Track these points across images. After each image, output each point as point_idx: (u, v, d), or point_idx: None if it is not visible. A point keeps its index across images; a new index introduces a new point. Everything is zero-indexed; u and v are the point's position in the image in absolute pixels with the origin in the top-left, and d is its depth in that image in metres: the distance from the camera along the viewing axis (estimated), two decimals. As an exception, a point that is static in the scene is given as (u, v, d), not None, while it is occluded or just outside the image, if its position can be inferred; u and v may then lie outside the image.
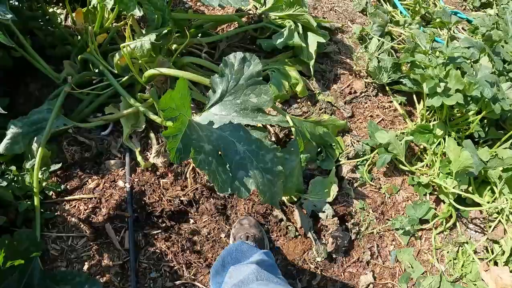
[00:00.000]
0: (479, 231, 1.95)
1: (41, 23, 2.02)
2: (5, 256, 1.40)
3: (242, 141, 1.42)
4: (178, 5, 2.18)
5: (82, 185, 1.73)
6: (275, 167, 1.45)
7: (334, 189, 1.69)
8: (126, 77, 1.80)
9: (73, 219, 1.67)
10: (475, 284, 1.86)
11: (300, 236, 1.68)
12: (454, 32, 2.35)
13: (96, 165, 1.77)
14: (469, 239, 1.94)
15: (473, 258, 1.87)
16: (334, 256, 1.70)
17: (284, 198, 1.68)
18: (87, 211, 1.67)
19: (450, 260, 1.85)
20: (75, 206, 1.69)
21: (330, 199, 1.68)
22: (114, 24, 2.05)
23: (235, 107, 1.49)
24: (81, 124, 1.79)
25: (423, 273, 1.81)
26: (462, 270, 1.84)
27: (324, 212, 1.63)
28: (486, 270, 1.86)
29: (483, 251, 1.94)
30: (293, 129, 1.67)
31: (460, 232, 1.89)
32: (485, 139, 2.03)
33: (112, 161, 1.76)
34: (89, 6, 1.94)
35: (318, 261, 1.67)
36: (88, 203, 1.69)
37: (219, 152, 1.39)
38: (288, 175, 1.57)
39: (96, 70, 1.89)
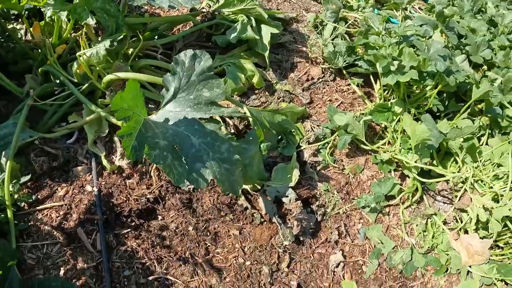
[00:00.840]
0: (448, 202, 2.03)
1: (1, 40, 2.10)
2: None
3: (197, 134, 1.50)
4: (134, 10, 2.26)
5: (52, 193, 1.80)
6: (231, 156, 1.52)
7: (295, 174, 1.76)
8: (86, 85, 1.87)
9: (46, 227, 1.74)
10: (447, 254, 1.93)
11: (265, 222, 1.75)
12: (410, 13, 2.43)
13: (64, 173, 1.84)
14: (438, 210, 2.01)
15: (442, 229, 1.94)
16: (301, 238, 1.76)
17: (247, 187, 1.75)
18: (59, 218, 1.75)
19: (419, 233, 1.93)
20: (47, 214, 1.77)
21: (292, 184, 1.74)
22: (72, 34, 2.13)
23: (189, 103, 1.57)
24: (46, 134, 1.87)
25: (394, 247, 1.87)
26: (432, 241, 1.91)
27: (287, 196, 1.71)
28: (456, 239, 1.93)
29: (453, 221, 2.01)
30: (250, 119, 1.75)
31: (428, 205, 1.96)
32: (446, 112, 2.10)
33: (80, 168, 1.83)
34: (46, 19, 2.03)
35: (286, 245, 1.74)
36: (59, 210, 1.77)
37: (175, 147, 1.47)
38: (247, 164, 1.65)
39: (57, 81, 1.97)
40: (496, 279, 1.91)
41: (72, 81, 1.90)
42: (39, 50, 2.07)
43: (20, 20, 2.30)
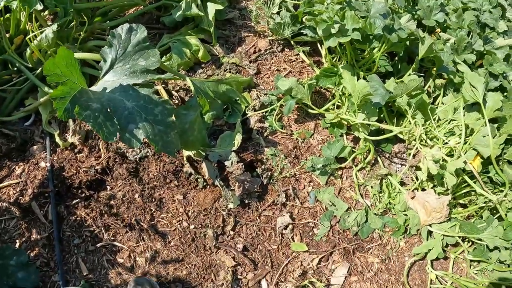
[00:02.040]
0: (405, 164, 2.04)
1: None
2: None
3: (130, 98, 1.58)
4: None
5: (10, 173, 1.91)
6: (165, 118, 1.60)
7: (238, 138, 1.79)
8: (40, 69, 2.02)
9: (4, 204, 1.85)
10: (405, 214, 1.93)
11: (209, 186, 1.79)
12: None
13: (21, 153, 1.94)
14: (395, 172, 2.02)
15: (399, 189, 1.94)
16: (246, 201, 1.79)
17: (191, 153, 1.81)
18: (15, 194, 1.85)
19: (374, 194, 1.93)
20: (5, 192, 1.88)
21: (235, 148, 1.78)
22: (29, 25, 2.30)
23: (125, 72, 1.67)
24: (5, 118, 2.02)
25: (347, 209, 1.88)
26: (388, 202, 1.92)
27: (229, 160, 1.77)
28: (413, 197, 1.93)
29: (410, 183, 2.02)
30: (191, 86, 1.84)
31: (383, 166, 1.98)
32: (399, 76, 2.14)
33: (35, 147, 1.95)
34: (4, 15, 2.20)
35: (230, 208, 1.77)
36: (16, 187, 1.87)
37: (109, 110, 1.57)
38: (187, 129, 1.72)
39: (15, 69, 2.13)
40: (459, 237, 1.90)
41: (28, 67, 2.05)
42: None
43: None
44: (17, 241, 1.76)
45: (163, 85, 2.01)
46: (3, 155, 1.95)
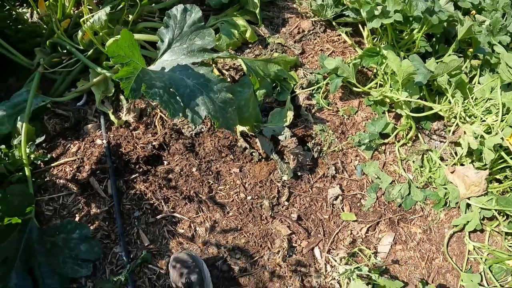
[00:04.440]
0: (444, 141, 2.23)
1: (9, 22, 2.44)
2: (1, 210, 1.76)
3: (190, 76, 1.75)
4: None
5: (65, 151, 2.08)
6: (225, 95, 1.78)
7: (290, 114, 1.98)
8: (91, 51, 2.17)
9: (61, 181, 2.02)
10: (445, 188, 2.12)
11: (263, 159, 1.98)
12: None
13: (76, 132, 2.10)
14: (435, 148, 2.22)
15: (439, 164, 2.14)
16: (299, 174, 1.98)
17: (245, 129, 1.98)
18: (72, 171, 2.02)
19: (416, 169, 2.13)
20: (61, 169, 2.04)
21: (287, 123, 1.96)
22: (75, 11, 2.47)
23: (183, 51, 1.85)
24: (57, 98, 2.18)
25: (391, 182, 2.08)
26: (429, 176, 2.12)
27: (282, 134, 1.95)
28: (452, 172, 2.13)
29: (449, 158, 2.22)
30: (243, 65, 2.03)
31: (423, 142, 2.18)
32: (437, 56, 2.33)
33: (89, 125, 2.11)
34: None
35: (284, 180, 1.96)
36: (73, 164, 2.04)
37: (171, 89, 1.74)
38: (243, 105, 1.90)
39: (65, 51, 2.29)
40: (496, 210, 2.10)
41: (78, 49, 2.21)
42: (46, 26, 2.40)
43: (25, 5, 2.66)
44: (76, 215, 1.93)
45: (213, 65, 2.19)
46: (57, 134, 2.12)
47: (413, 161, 2.12)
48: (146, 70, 1.71)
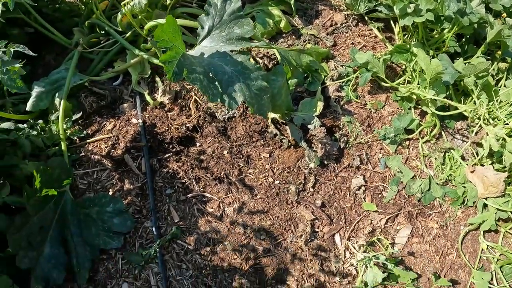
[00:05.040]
0: (466, 140, 2.31)
1: (47, 2, 2.54)
2: (41, 182, 1.87)
3: (229, 63, 1.85)
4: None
5: (101, 128, 2.19)
6: (260, 83, 1.87)
7: (320, 105, 2.07)
8: (130, 33, 2.27)
9: (96, 156, 2.14)
10: (464, 186, 2.21)
11: (292, 147, 2.08)
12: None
13: (111, 110, 2.21)
14: (457, 147, 2.31)
15: (460, 163, 2.23)
16: (325, 162, 2.08)
17: (277, 116, 2.09)
18: (107, 148, 2.13)
19: (437, 166, 2.22)
20: (96, 145, 2.16)
21: (317, 113, 2.06)
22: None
23: (222, 39, 1.94)
24: (95, 77, 2.29)
25: (413, 177, 2.17)
26: (449, 173, 2.21)
27: (312, 124, 2.06)
28: (472, 171, 2.22)
29: (470, 158, 2.30)
30: (277, 55, 2.12)
31: (446, 140, 2.27)
32: (465, 56, 2.40)
33: (125, 105, 2.23)
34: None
35: (311, 167, 2.06)
36: (108, 141, 2.16)
37: (210, 74, 1.84)
38: (276, 93, 2.00)
39: (103, 32, 2.39)
40: (511, 212, 2.19)
41: (117, 31, 2.31)
42: (83, 7, 2.51)
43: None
44: (109, 190, 2.04)
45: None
46: (93, 112, 2.23)
47: (435, 158, 2.21)
48: (187, 55, 1.80)
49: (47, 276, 1.80)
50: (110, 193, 2.04)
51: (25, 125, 2.04)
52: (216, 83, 1.77)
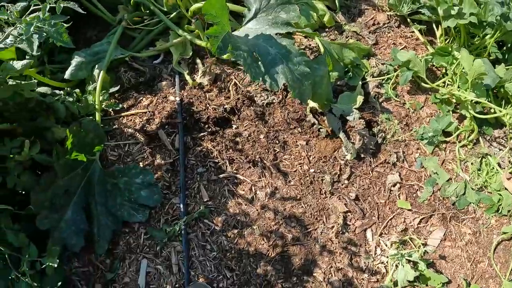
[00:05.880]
0: (503, 149, 2.28)
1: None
2: (73, 143, 1.86)
3: (273, 46, 1.84)
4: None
5: (137, 103, 2.19)
6: (303, 68, 1.86)
7: (359, 98, 2.06)
8: (174, 13, 2.29)
9: (129, 130, 2.12)
10: (499, 194, 2.17)
11: (330, 137, 2.06)
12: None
13: (149, 87, 2.21)
14: (493, 154, 2.27)
15: (496, 169, 2.19)
16: (362, 156, 2.06)
17: (316, 106, 2.08)
18: (142, 122, 2.12)
19: (473, 171, 2.18)
20: (131, 119, 2.15)
21: (356, 106, 2.07)
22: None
23: (268, 22, 1.95)
24: (136, 54, 2.30)
25: (448, 180, 2.13)
26: (485, 180, 2.17)
27: (351, 115, 2.05)
28: (509, 179, 2.18)
29: (507, 166, 2.26)
30: (320, 46, 2.12)
31: (483, 146, 2.24)
32: (507, 65, 2.39)
33: (164, 83, 2.22)
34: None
35: (347, 159, 2.03)
36: (143, 116, 2.15)
37: (254, 54, 1.84)
38: (317, 82, 1.98)
39: (147, 11, 2.43)
40: (547, 223, 2.13)
41: (162, 11, 2.34)
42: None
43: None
44: (140, 163, 2.02)
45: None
46: (130, 87, 2.24)
47: (472, 163, 2.18)
48: (232, 34, 1.82)
49: (65, 241, 1.78)
50: (141, 165, 2.02)
51: (61, 92, 2.04)
52: (260, 63, 1.77)
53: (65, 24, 1.68)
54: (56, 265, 1.62)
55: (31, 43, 1.64)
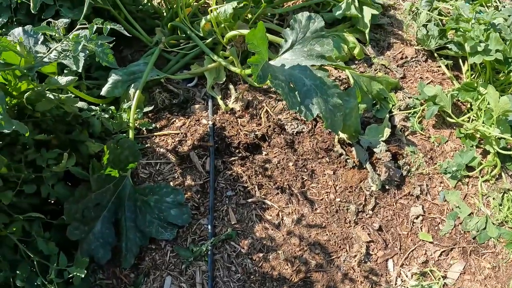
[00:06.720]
0: (525, 184, 2.33)
1: (133, 1, 2.66)
2: (108, 159, 1.93)
3: (308, 77, 1.91)
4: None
5: (170, 124, 2.27)
6: (336, 100, 1.94)
7: (386, 131, 2.12)
8: (210, 39, 2.38)
9: (161, 149, 2.21)
10: (520, 230, 2.22)
11: (357, 167, 2.11)
12: (502, 7, 2.83)
13: (182, 109, 2.30)
14: (515, 190, 2.32)
15: (518, 205, 2.25)
16: (387, 187, 2.11)
17: (344, 136, 2.14)
18: (174, 143, 2.20)
19: (495, 206, 2.23)
20: (163, 139, 2.23)
21: (383, 138, 2.12)
22: (194, 3, 2.71)
23: (303, 54, 2.02)
24: (171, 76, 2.39)
25: (470, 214, 2.18)
26: (507, 215, 2.21)
27: (378, 147, 2.11)
28: (531, 216, 2.22)
29: (529, 202, 2.31)
30: (351, 78, 2.19)
31: (506, 181, 2.28)
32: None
33: (197, 106, 2.31)
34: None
35: (373, 190, 2.09)
36: (175, 137, 2.23)
37: (290, 84, 1.92)
38: (347, 114, 2.05)
39: (183, 35, 2.52)
40: None
41: (198, 36, 2.44)
42: (168, 10, 2.64)
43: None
44: (170, 183, 2.10)
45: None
46: (164, 108, 2.32)
47: (493, 198, 2.22)
48: (269, 64, 1.89)
49: (93, 253, 1.85)
50: (171, 185, 2.09)
51: (97, 108, 2.11)
52: (296, 93, 1.84)
53: (110, 45, 1.76)
54: (83, 276, 1.65)
55: (77, 60, 1.72)
